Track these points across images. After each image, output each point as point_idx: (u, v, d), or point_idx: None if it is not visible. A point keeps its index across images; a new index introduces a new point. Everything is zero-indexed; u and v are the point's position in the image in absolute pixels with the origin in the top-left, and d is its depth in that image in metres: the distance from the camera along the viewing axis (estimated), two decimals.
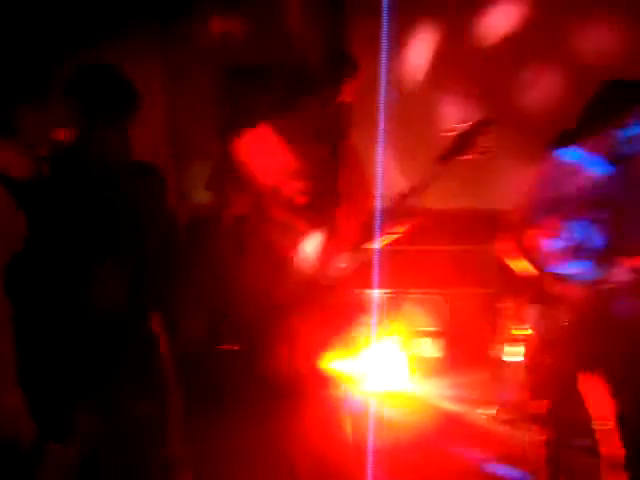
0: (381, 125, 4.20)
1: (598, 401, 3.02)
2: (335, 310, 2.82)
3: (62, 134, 2.67)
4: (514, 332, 4.34)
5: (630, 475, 2.93)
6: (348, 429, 2.97)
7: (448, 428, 4.36)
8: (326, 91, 2.80)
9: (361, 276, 2.97)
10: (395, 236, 2.82)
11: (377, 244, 2.85)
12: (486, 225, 4.91)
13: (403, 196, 2.70)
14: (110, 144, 2.58)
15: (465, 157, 2.68)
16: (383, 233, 2.76)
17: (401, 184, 2.79)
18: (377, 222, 2.72)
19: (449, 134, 2.69)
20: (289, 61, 2.93)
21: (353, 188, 2.88)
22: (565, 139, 3.04)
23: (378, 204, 2.80)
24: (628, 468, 2.94)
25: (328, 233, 2.79)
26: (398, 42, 5.39)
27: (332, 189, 2.83)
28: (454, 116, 2.77)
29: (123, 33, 4.81)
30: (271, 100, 2.97)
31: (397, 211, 2.71)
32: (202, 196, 5.34)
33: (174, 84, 5.74)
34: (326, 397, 2.87)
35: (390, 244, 2.87)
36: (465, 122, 2.69)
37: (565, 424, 3.08)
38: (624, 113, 2.84)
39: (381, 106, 4.38)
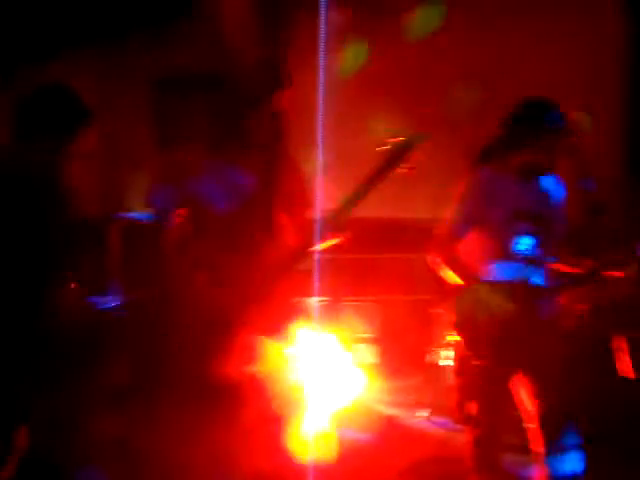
0: (319, 136, 4.27)
1: (527, 400, 3.15)
2: (274, 316, 2.85)
3: None
4: (448, 337, 4.44)
5: (550, 470, 3.07)
6: (285, 435, 3.00)
7: (385, 431, 4.46)
8: (259, 101, 2.81)
9: (298, 284, 3.02)
10: (330, 245, 2.84)
11: (314, 252, 2.90)
12: (417, 234, 5.07)
13: (338, 208, 2.74)
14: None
15: (397, 171, 2.72)
16: (319, 242, 2.79)
17: (336, 195, 2.83)
18: (314, 231, 2.76)
19: (382, 148, 2.72)
20: (224, 71, 2.91)
21: (293, 197, 2.91)
22: (488, 155, 3.16)
23: (316, 213, 2.83)
24: (548, 464, 3.07)
25: (267, 242, 2.81)
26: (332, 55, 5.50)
27: (270, 198, 2.85)
28: (387, 128, 2.78)
29: (55, 49, 4.79)
30: (205, 110, 2.97)
31: (332, 222, 2.76)
32: (139, 207, 5.38)
33: (108, 96, 5.71)
34: (262, 402, 2.88)
35: (324, 253, 2.91)
36: (397, 137, 2.73)
37: (494, 424, 3.17)
38: (539, 131, 2.98)
39: (319, 117, 4.46)
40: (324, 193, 2.96)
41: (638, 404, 3.95)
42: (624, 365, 2.74)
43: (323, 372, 4.54)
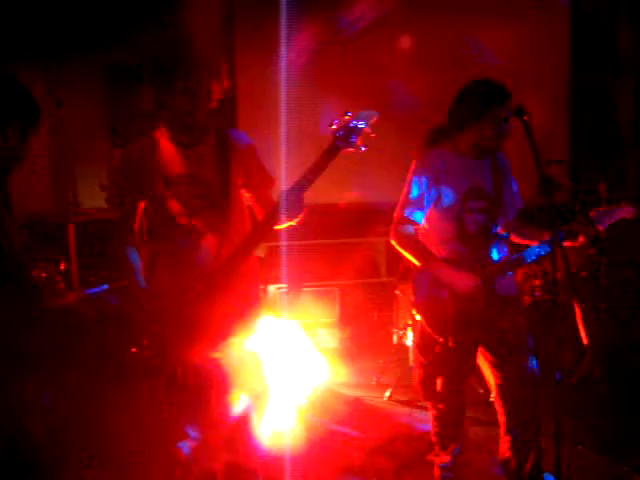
0: (283, 119, 4.27)
1: (488, 373, 3.22)
2: (237, 303, 2.82)
3: None
4: (410, 318, 4.50)
5: (511, 441, 3.14)
6: (252, 422, 2.97)
7: (351, 413, 4.52)
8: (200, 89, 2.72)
9: (260, 271, 3.04)
10: (289, 226, 2.79)
11: (275, 238, 2.90)
12: (378, 218, 5.13)
13: (292, 189, 2.68)
14: None
15: (349, 149, 2.68)
16: (277, 226, 2.76)
17: (290, 178, 2.78)
18: (274, 215, 2.71)
19: (333, 127, 2.66)
20: (171, 58, 2.84)
21: (252, 176, 2.89)
22: (436, 136, 3.18)
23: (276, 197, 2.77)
24: (509, 434, 3.15)
25: (225, 230, 2.78)
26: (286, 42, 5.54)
27: (224, 186, 2.79)
28: (338, 111, 2.75)
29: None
30: (152, 98, 2.92)
31: (287, 205, 2.69)
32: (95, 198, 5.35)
33: (60, 86, 5.64)
34: (227, 390, 2.87)
35: (282, 240, 2.91)
36: (348, 114, 2.67)
37: (458, 398, 3.23)
38: (486, 111, 3.01)
39: (282, 103, 4.47)
40: (284, 172, 2.95)
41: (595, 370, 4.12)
42: (580, 332, 2.84)
43: (287, 358, 4.59)
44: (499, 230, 3.18)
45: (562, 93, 6.40)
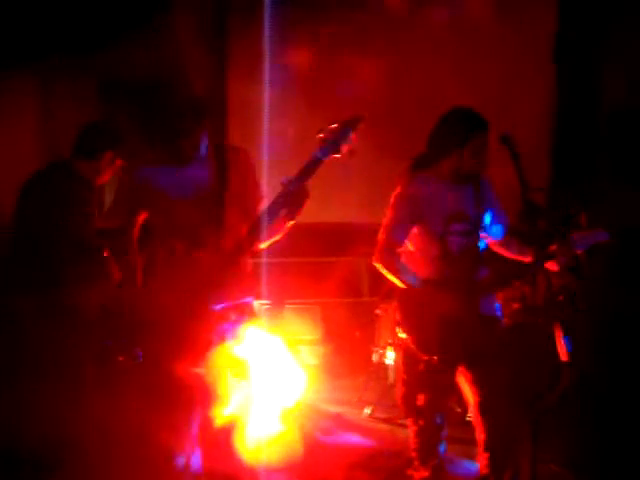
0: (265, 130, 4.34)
1: (468, 392, 3.31)
2: (224, 315, 2.89)
3: None
4: (392, 337, 4.57)
5: (489, 458, 3.20)
6: (234, 436, 3.03)
7: (332, 428, 4.59)
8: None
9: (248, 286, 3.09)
10: (271, 245, 2.88)
11: (258, 255, 2.97)
12: (357, 238, 5.22)
13: (275, 199, 2.75)
14: None
15: (336, 155, 2.75)
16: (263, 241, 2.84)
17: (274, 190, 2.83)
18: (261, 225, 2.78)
19: (321, 135, 2.75)
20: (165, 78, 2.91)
21: (246, 193, 2.94)
22: (420, 162, 3.27)
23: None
24: (487, 451, 3.22)
25: (218, 238, 2.84)
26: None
27: (222, 194, 2.86)
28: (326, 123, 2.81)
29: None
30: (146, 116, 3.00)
31: (272, 216, 2.77)
32: None
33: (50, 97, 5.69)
34: (210, 403, 2.93)
35: (266, 256, 2.98)
36: (335, 123, 2.77)
37: (438, 414, 3.28)
38: (468, 138, 3.11)
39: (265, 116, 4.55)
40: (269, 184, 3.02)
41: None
42: (560, 350, 2.91)
43: (270, 373, 4.63)
44: (481, 253, 3.30)
45: (545, 121, 6.56)
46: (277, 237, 2.91)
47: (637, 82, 5.86)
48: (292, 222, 2.83)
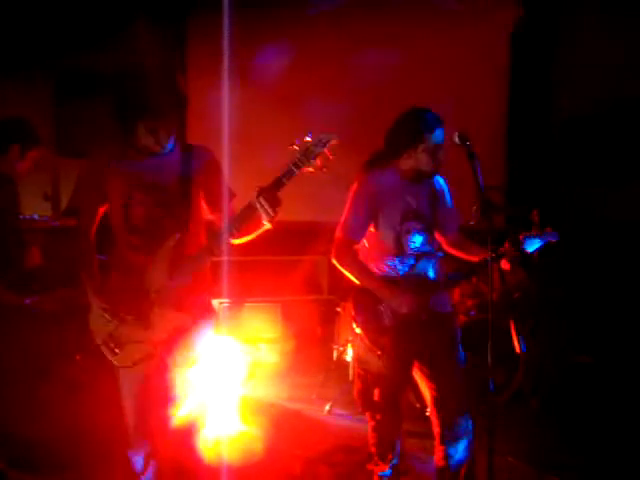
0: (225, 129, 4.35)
1: (424, 387, 3.36)
2: (186, 315, 2.88)
3: None
4: (350, 333, 4.62)
5: (445, 450, 3.26)
6: (191, 434, 3.02)
7: (290, 425, 4.61)
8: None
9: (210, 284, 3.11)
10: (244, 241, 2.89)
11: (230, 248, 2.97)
12: (317, 236, 5.26)
13: (242, 210, 2.76)
14: None
15: (307, 170, 2.76)
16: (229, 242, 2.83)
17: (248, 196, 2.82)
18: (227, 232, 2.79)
19: (294, 147, 2.73)
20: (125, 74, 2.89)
21: (215, 192, 2.95)
22: (376, 160, 3.32)
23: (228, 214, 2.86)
24: (443, 444, 3.27)
25: (183, 239, 2.84)
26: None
27: (184, 196, 2.87)
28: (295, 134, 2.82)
29: None
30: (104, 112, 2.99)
31: (241, 222, 2.78)
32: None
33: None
34: (165, 404, 2.91)
35: (225, 254, 2.97)
36: (309, 136, 2.74)
37: (395, 409, 3.35)
38: (421, 137, 3.16)
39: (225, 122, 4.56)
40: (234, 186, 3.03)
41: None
42: (515, 345, 3.00)
43: (226, 373, 4.64)
44: (435, 250, 3.36)
45: (500, 121, 6.68)
46: (249, 238, 2.93)
47: (589, 84, 6.00)
48: (268, 226, 2.85)
